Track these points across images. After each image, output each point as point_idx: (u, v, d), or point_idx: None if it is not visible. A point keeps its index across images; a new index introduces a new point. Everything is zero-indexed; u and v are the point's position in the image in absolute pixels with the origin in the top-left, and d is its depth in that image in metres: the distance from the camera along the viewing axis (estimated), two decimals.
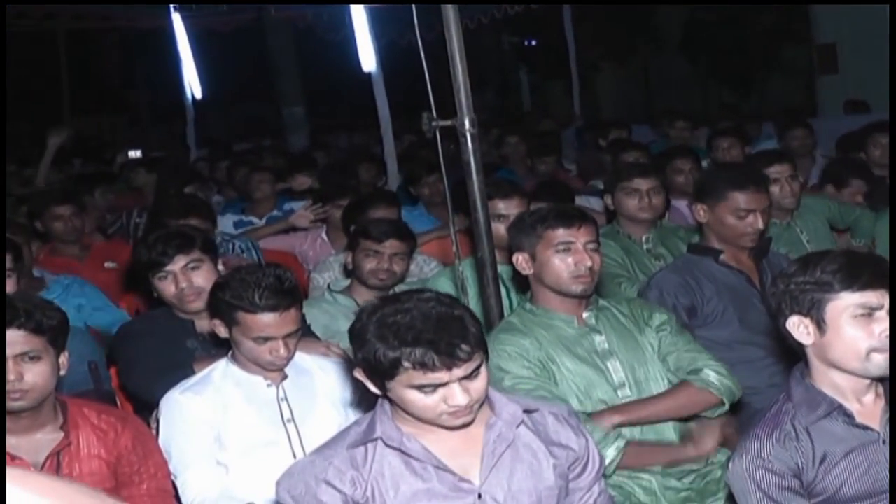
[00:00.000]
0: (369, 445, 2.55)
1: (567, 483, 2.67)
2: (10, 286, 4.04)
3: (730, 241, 4.22)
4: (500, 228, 4.31)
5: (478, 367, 2.46)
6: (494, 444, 2.57)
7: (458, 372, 2.41)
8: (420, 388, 2.43)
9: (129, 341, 3.95)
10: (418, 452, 2.52)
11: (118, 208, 7.62)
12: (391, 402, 2.53)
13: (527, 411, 2.65)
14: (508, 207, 4.58)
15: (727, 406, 3.53)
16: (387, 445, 2.54)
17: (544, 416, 2.69)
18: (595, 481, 2.72)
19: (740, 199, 4.19)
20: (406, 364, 2.39)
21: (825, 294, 2.67)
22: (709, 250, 4.18)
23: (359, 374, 2.54)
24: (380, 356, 2.41)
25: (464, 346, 2.41)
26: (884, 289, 2.66)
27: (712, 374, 3.51)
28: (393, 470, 2.54)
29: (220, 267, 4.03)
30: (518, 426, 2.61)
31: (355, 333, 2.50)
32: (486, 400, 2.59)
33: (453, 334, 2.41)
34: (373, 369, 2.46)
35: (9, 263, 4.10)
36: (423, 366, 2.39)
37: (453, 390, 2.43)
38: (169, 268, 3.92)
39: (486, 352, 2.51)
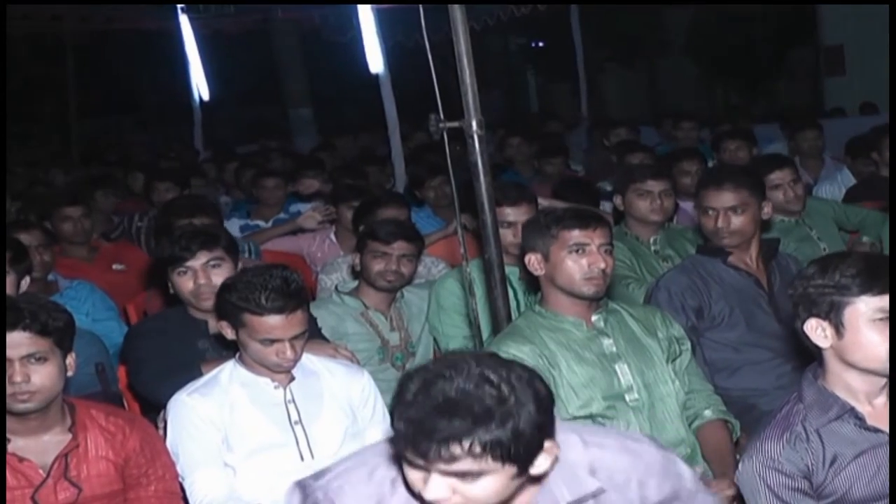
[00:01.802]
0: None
1: None
2: (9, 285, 4.03)
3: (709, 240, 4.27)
4: (507, 235, 4.31)
5: (477, 474, 2.03)
6: None
7: (440, 466, 2.03)
8: (407, 461, 2.11)
9: (141, 340, 3.95)
10: None
11: (120, 212, 7.65)
12: None
13: (594, 495, 2.28)
14: (517, 214, 4.59)
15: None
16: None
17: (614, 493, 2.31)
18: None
19: (705, 197, 4.24)
20: (395, 433, 2.10)
21: (844, 298, 2.65)
22: (717, 251, 4.18)
23: None
24: (393, 415, 2.12)
25: (454, 448, 1.99)
26: None
27: (720, 404, 3.66)
28: None
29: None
30: None
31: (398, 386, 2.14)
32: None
33: (451, 429, 1.99)
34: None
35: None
36: (405, 445, 2.07)
37: (430, 481, 2.07)
38: (190, 263, 3.92)
39: (514, 461, 2.04)
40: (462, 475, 2.04)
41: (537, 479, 2.19)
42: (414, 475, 2.09)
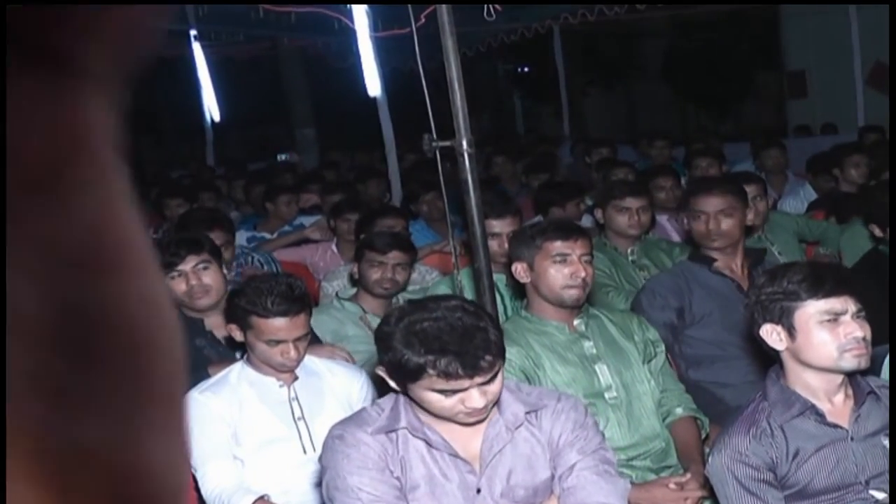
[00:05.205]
0: (398, 432, 2.56)
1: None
2: None
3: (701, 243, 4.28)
4: (493, 245, 4.31)
5: (495, 374, 2.44)
6: (492, 443, 2.56)
7: (479, 379, 2.40)
8: (441, 391, 2.41)
9: None
10: (438, 442, 2.53)
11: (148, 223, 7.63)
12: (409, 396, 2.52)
13: (529, 412, 2.61)
14: (502, 226, 4.60)
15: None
16: (411, 434, 2.55)
17: (548, 411, 2.64)
18: (585, 453, 2.60)
19: (696, 202, 4.25)
20: (431, 371, 2.36)
21: (793, 303, 2.70)
22: (704, 259, 4.21)
23: (381, 372, 2.53)
24: (405, 361, 2.37)
25: (487, 357, 2.37)
26: (846, 295, 2.69)
27: (691, 402, 3.64)
28: (418, 452, 2.55)
29: (231, 274, 4.02)
30: (518, 427, 2.59)
31: (382, 337, 2.45)
32: None
33: (477, 345, 2.36)
34: (396, 371, 2.43)
35: None
36: (448, 374, 2.36)
37: (472, 394, 2.41)
38: (181, 267, 3.92)
39: (504, 357, 2.49)
40: (487, 381, 2.40)
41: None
42: (449, 402, 2.41)
